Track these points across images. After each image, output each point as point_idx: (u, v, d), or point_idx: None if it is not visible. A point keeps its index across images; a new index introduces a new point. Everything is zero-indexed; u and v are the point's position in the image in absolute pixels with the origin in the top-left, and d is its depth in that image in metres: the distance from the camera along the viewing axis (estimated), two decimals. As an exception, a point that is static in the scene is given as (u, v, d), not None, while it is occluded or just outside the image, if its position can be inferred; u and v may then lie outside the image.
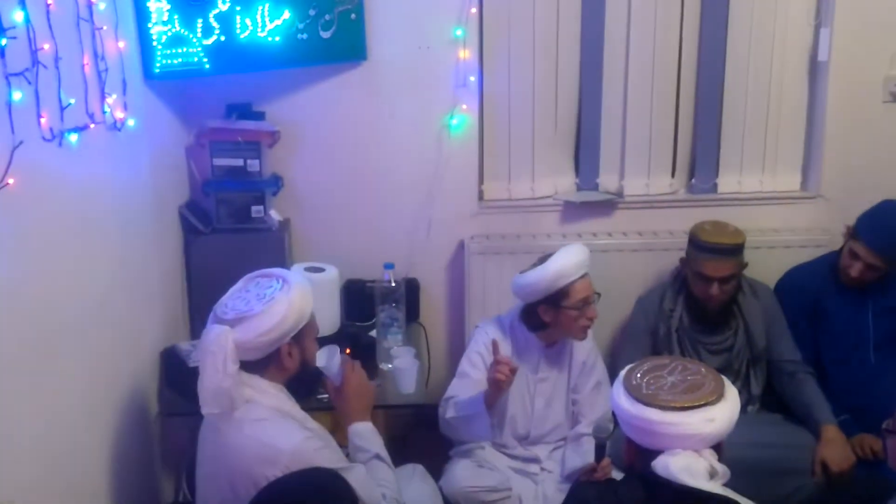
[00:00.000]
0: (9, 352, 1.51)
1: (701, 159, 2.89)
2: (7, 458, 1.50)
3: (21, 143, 1.50)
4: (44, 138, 1.63)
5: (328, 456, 1.68)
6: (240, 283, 1.81)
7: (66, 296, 1.75)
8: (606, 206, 2.85)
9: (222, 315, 1.71)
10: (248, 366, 1.72)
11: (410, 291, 2.71)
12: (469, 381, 2.27)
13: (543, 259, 2.24)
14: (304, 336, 1.78)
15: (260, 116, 2.62)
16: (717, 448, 1.47)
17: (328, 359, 1.87)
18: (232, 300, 1.74)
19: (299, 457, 1.61)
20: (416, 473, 2.25)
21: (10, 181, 1.46)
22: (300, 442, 1.64)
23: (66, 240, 1.77)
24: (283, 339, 1.72)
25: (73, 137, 1.76)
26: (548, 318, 2.24)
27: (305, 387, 1.91)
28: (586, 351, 2.37)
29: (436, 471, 2.30)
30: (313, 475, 1.47)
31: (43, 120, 1.62)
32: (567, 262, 2.20)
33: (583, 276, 2.22)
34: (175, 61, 2.36)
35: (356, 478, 1.63)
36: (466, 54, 2.67)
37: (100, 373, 1.93)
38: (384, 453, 1.89)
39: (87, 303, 1.86)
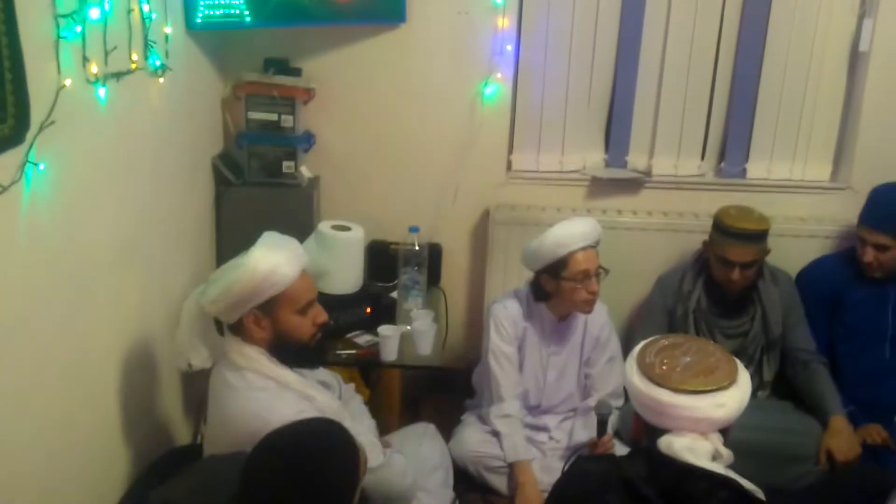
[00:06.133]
0: (44, 287, 1.56)
1: (732, 143, 2.87)
2: (38, 391, 1.55)
3: (66, 83, 1.53)
4: (88, 80, 1.66)
5: None
6: None
7: (99, 236, 1.79)
8: (634, 185, 2.85)
9: (211, 276, 1.74)
10: (231, 327, 1.73)
11: (433, 256, 2.73)
12: (507, 362, 2.31)
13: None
14: (275, 307, 1.70)
15: (296, 73, 2.63)
16: (724, 431, 1.47)
17: None
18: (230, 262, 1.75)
19: None
20: (427, 432, 2.30)
21: (55, 120, 1.49)
22: (292, 416, 1.52)
23: (103, 181, 1.80)
24: (241, 308, 1.67)
25: (116, 81, 1.78)
26: (549, 288, 2.24)
27: (300, 361, 1.78)
28: (600, 325, 2.40)
29: (446, 431, 2.36)
30: (310, 425, 1.40)
31: (88, 62, 1.64)
32: (567, 231, 2.17)
33: (585, 248, 2.17)
34: (217, 12, 2.38)
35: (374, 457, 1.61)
36: (505, 23, 2.65)
37: (130, 314, 1.98)
38: None
39: (119, 244, 1.89)
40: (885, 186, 2.50)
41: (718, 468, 1.40)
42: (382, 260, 2.72)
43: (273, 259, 1.67)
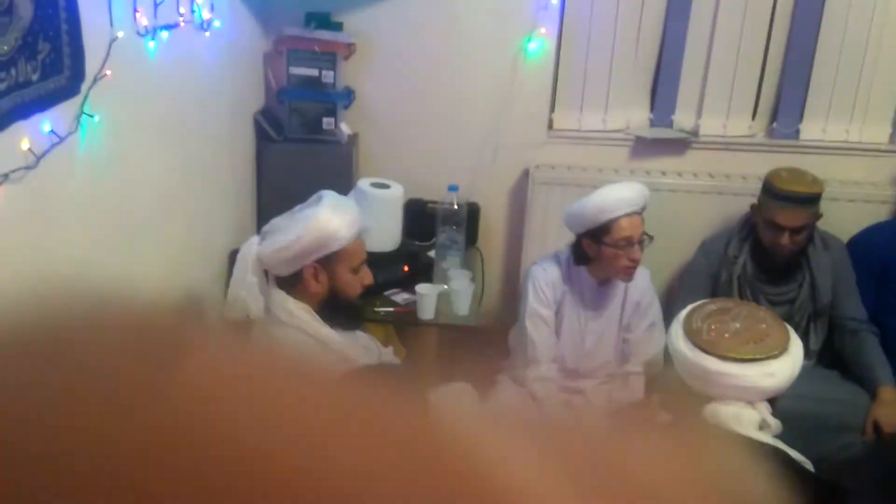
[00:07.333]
0: (99, 236, 1.60)
1: (785, 102, 2.76)
2: None
3: (119, 35, 1.55)
4: (138, 33, 1.68)
5: None
6: (306, 202, 1.81)
7: (146, 187, 1.83)
8: (679, 145, 2.77)
9: (264, 228, 1.76)
10: (280, 282, 1.75)
11: (471, 216, 2.70)
12: (544, 326, 2.29)
13: None
14: (335, 262, 1.73)
15: (337, 27, 2.60)
16: (772, 401, 1.43)
17: None
18: (282, 215, 1.77)
19: None
20: (463, 392, 2.31)
21: (108, 72, 1.51)
22: None
23: (151, 133, 1.83)
24: (305, 259, 1.69)
25: (165, 35, 1.80)
26: (591, 252, 2.19)
27: (343, 321, 1.81)
28: (641, 291, 2.34)
29: (481, 392, 2.35)
30: (388, 367, 1.47)
31: (138, 15, 1.66)
32: (611, 196, 2.11)
33: (630, 215, 2.11)
34: (258, -36, 2.35)
35: None
36: (550, -25, 2.57)
37: (175, 266, 2.02)
38: None
39: (164, 196, 1.93)
40: None
41: (766, 438, 1.37)
42: (420, 219, 2.71)
43: (341, 217, 1.71)
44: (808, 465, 1.38)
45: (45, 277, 1.41)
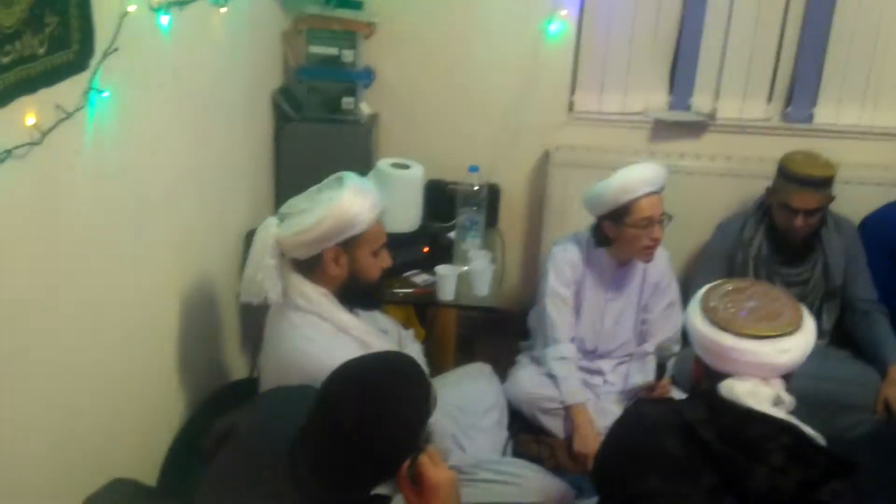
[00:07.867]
0: (106, 216, 1.55)
1: (800, 87, 2.78)
2: (99, 323, 1.56)
3: (130, 10, 1.50)
4: (151, 7, 1.63)
5: None
6: (323, 182, 1.77)
7: (159, 166, 1.77)
8: (697, 128, 2.79)
9: (281, 209, 1.72)
10: (298, 265, 1.72)
11: (491, 197, 2.70)
12: (564, 305, 2.30)
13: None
14: (356, 246, 1.70)
15: (358, 6, 2.58)
16: (787, 377, 1.45)
17: None
18: (299, 196, 1.73)
19: None
20: (483, 372, 2.32)
21: (118, 47, 1.46)
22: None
23: (164, 110, 1.78)
24: (326, 243, 1.66)
25: (179, 10, 1.75)
26: (611, 234, 2.20)
27: (362, 302, 1.80)
28: (661, 272, 2.36)
29: (500, 373, 2.37)
30: (386, 357, 1.42)
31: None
32: (632, 177, 2.12)
33: (650, 195, 2.13)
34: (279, -59, 2.34)
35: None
36: (571, -44, 2.57)
37: (188, 247, 1.97)
38: None
39: (177, 175, 1.87)
40: None
41: (780, 414, 1.39)
42: (440, 199, 2.70)
43: (363, 200, 1.68)
44: (822, 441, 1.41)
45: (50, 258, 1.35)
